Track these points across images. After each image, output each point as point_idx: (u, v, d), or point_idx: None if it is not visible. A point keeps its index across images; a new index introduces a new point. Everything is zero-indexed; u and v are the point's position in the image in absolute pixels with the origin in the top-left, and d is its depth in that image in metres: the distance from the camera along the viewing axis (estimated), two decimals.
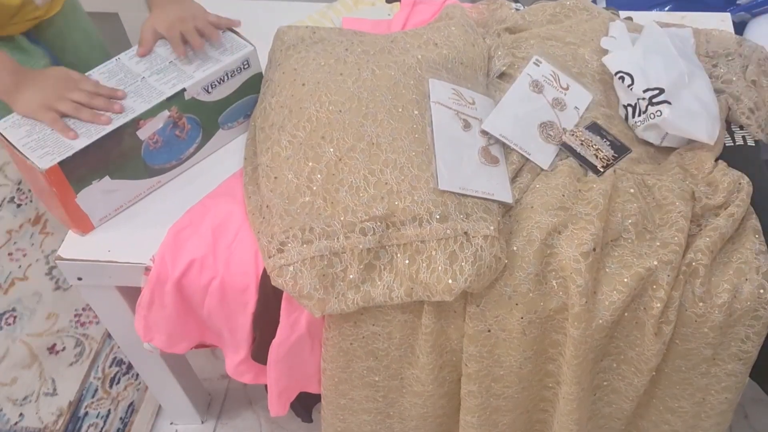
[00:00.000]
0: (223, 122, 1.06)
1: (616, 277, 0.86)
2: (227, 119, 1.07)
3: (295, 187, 0.90)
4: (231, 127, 1.08)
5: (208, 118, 1.04)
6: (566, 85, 1.05)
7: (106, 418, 1.43)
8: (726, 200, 0.91)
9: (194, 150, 1.05)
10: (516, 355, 0.90)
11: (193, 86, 0.99)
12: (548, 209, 0.89)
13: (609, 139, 0.99)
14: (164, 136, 0.99)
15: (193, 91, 0.99)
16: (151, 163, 1.00)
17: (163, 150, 1.01)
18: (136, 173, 1.00)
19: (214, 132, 1.06)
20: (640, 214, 0.90)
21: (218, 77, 1.01)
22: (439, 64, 1.04)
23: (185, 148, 1.04)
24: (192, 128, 1.02)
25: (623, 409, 0.97)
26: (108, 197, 0.98)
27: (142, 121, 0.96)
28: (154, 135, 0.98)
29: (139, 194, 1.02)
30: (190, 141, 1.04)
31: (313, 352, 0.97)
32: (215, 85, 1.01)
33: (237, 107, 1.07)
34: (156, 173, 1.02)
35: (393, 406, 1.03)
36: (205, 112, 1.03)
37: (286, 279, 0.85)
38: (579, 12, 1.18)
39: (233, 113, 1.07)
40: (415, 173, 0.89)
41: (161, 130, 0.98)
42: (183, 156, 1.04)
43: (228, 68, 1.02)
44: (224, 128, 1.07)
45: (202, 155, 1.07)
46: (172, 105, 0.98)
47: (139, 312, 0.98)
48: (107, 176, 0.96)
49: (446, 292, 0.84)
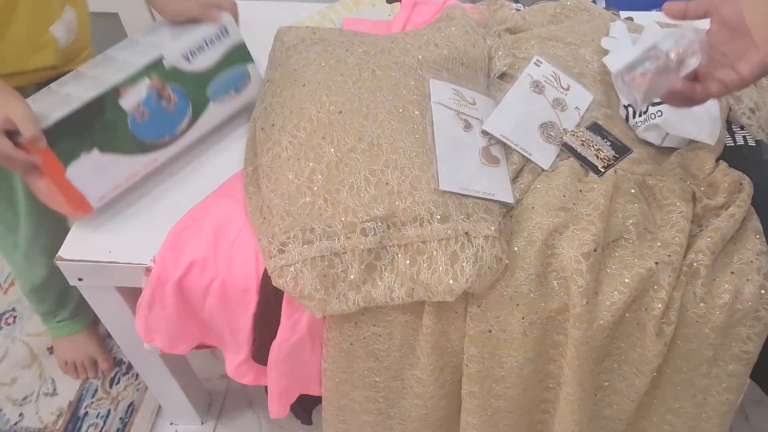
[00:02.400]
0: (212, 95, 1.05)
1: (617, 278, 0.86)
2: (216, 92, 1.05)
3: (296, 187, 0.90)
4: (222, 101, 1.06)
5: (195, 89, 1.03)
6: (567, 85, 1.05)
7: (106, 418, 1.43)
8: (727, 200, 0.91)
9: (187, 124, 1.03)
10: (517, 356, 0.90)
11: (171, 53, 0.98)
12: (549, 210, 0.89)
13: (610, 139, 0.99)
14: (150, 107, 0.98)
15: (172, 58, 0.99)
16: (142, 137, 0.99)
17: (153, 123, 0.99)
18: (127, 147, 0.98)
19: (205, 105, 1.05)
20: (641, 214, 0.90)
21: (196, 45, 1.01)
22: (439, 64, 1.04)
23: (177, 122, 1.02)
24: (179, 100, 1.01)
25: (624, 410, 0.97)
26: (102, 174, 0.96)
27: (122, 88, 0.94)
28: (139, 106, 0.97)
29: (135, 172, 1.00)
30: (180, 114, 1.02)
31: (314, 352, 0.97)
32: (195, 53, 1.01)
33: (224, 79, 1.06)
34: (150, 149, 1.00)
35: (394, 407, 1.03)
36: (190, 83, 1.02)
37: (287, 279, 0.85)
38: (580, 12, 1.18)
39: (221, 85, 1.06)
40: (415, 174, 0.89)
41: (146, 100, 0.97)
42: (176, 131, 1.02)
43: (206, 35, 1.02)
44: (215, 102, 1.05)
45: (197, 131, 1.05)
46: (153, 73, 0.97)
47: (139, 313, 0.98)
48: (96, 149, 0.94)
49: (447, 292, 0.84)
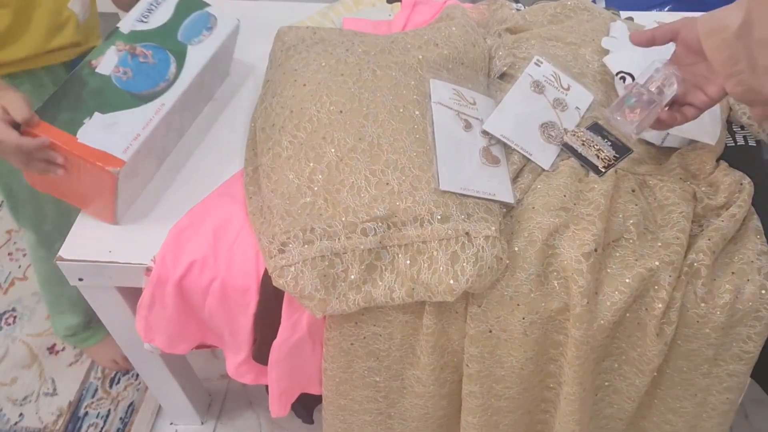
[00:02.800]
0: (185, 39, 1.07)
1: (618, 278, 0.86)
2: (188, 36, 1.07)
3: (296, 187, 0.90)
4: (200, 42, 1.07)
5: (164, 40, 1.05)
6: (567, 85, 1.05)
7: (106, 418, 1.43)
8: (727, 200, 0.91)
9: (175, 68, 1.04)
10: (517, 356, 0.90)
11: (125, 23, 1.03)
12: (550, 210, 0.89)
13: (610, 139, 0.99)
14: (130, 65, 1.00)
15: (127, 25, 1.03)
16: (136, 90, 1.00)
17: (140, 77, 1.01)
18: (127, 103, 0.98)
19: (184, 49, 1.06)
20: (641, 214, 0.90)
21: (145, 8, 1.06)
22: (439, 64, 1.04)
23: (164, 69, 1.03)
24: (154, 52, 1.03)
25: (625, 410, 0.97)
26: (114, 130, 0.96)
27: (93, 61, 0.99)
28: (118, 68, 0.99)
29: (149, 120, 0.99)
30: (163, 62, 1.03)
31: (314, 352, 0.97)
32: (147, 16, 1.05)
33: (189, 26, 1.08)
34: (151, 98, 1.00)
35: (394, 407, 1.03)
36: (156, 37, 1.05)
37: (288, 279, 0.85)
38: (580, 12, 1.18)
39: (189, 31, 1.08)
40: (416, 174, 0.89)
41: (122, 61, 1.00)
42: (167, 75, 1.03)
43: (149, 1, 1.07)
44: (192, 44, 1.07)
45: (189, 72, 1.05)
46: (115, 41, 1.01)
47: (139, 313, 0.98)
48: (96, 113, 0.95)
49: (447, 292, 0.83)
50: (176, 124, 1.07)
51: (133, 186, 1.00)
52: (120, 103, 0.98)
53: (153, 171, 1.06)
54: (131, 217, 1.02)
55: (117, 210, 0.98)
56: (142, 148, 0.96)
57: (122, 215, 1.01)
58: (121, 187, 0.95)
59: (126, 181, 0.95)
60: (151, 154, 1.01)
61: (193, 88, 1.05)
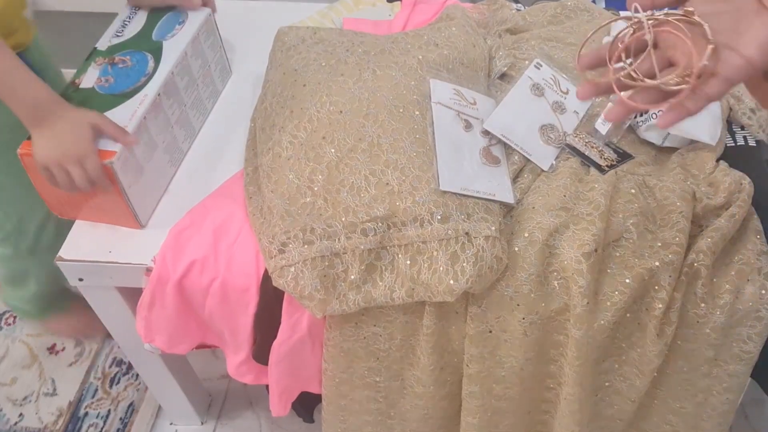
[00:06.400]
0: (159, 38, 1.08)
1: (618, 278, 0.86)
2: (161, 35, 1.09)
3: (296, 187, 0.90)
4: (174, 35, 1.09)
5: (140, 43, 1.07)
6: (566, 89, 1.05)
7: (106, 418, 1.43)
8: (727, 201, 0.91)
9: (153, 62, 1.05)
10: (517, 356, 0.90)
11: (101, 41, 1.07)
12: (550, 210, 0.89)
13: (611, 146, 0.99)
14: (110, 74, 1.02)
15: (104, 42, 1.07)
16: (118, 91, 1.01)
17: (121, 80, 1.02)
18: (111, 103, 0.99)
19: (159, 46, 1.07)
20: (641, 214, 0.90)
21: (119, 24, 1.10)
22: (440, 64, 1.04)
23: (143, 67, 1.04)
24: (132, 56, 1.05)
25: (625, 410, 0.97)
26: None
27: (76, 80, 1.01)
28: (100, 79, 1.01)
29: (134, 111, 0.98)
30: (142, 62, 1.05)
31: (314, 352, 0.97)
32: (122, 30, 1.09)
33: (162, 27, 1.10)
34: (134, 93, 1.01)
35: (394, 407, 1.03)
36: (133, 44, 1.07)
37: (288, 280, 0.85)
38: (580, 13, 1.18)
39: (163, 29, 1.10)
40: (416, 174, 0.89)
41: (103, 72, 1.03)
42: (147, 70, 1.04)
43: (123, 17, 1.11)
44: (167, 40, 1.08)
45: (166, 65, 1.05)
46: (95, 58, 1.05)
47: (140, 313, 0.98)
48: None
49: (447, 292, 0.83)
50: (175, 117, 1.07)
51: (144, 183, 0.99)
52: (105, 106, 0.98)
53: (165, 167, 1.06)
54: (155, 221, 1.02)
55: (135, 211, 0.98)
56: (138, 127, 0.97)
57: (146, 217, 1.01)
58: (125, 181, 0.94)
59: (128, 175, 0.95)
60: (149, 146, 1.00)
61: (175, 76, 1.06)
